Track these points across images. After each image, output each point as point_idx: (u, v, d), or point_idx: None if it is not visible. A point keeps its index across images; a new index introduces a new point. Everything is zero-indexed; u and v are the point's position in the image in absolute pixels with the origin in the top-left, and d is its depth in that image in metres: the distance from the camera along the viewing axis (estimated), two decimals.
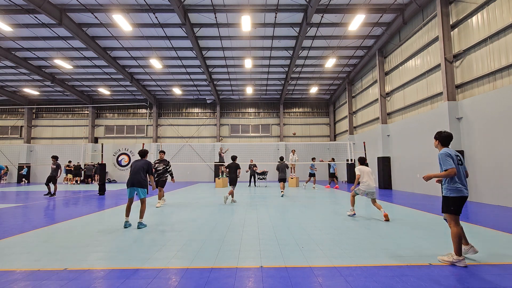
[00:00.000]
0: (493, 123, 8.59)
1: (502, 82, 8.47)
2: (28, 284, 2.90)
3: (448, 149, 3.56)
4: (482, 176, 8.95)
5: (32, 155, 24.08)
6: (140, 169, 5.66)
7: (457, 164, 3.47)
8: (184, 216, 6.87)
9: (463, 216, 6.50)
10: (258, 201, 9.81)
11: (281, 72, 19.73)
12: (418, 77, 12.54)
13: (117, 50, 16.32)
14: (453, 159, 3.46)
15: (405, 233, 4.94)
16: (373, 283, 2.88)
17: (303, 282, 2.92)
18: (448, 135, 3.65)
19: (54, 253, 3.93)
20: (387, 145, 14.94)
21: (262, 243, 4.36)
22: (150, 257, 3.70)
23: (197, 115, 25.46)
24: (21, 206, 8.80)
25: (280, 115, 25.15)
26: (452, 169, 3.37)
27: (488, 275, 3.07)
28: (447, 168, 3.41)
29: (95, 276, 3.12)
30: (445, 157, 3.47)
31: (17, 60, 16.69)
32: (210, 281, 2.95)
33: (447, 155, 3.47)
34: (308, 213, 7.11)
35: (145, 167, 5.74)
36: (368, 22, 13.57)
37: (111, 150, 24.46)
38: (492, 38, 8.78)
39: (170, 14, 12.81)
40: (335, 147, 23.18)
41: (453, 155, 3.49)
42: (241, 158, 21.90)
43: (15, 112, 25.07)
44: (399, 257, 3.68)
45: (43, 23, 13.35)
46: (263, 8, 12.58)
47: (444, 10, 10.34)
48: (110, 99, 25.03)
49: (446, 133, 3.66)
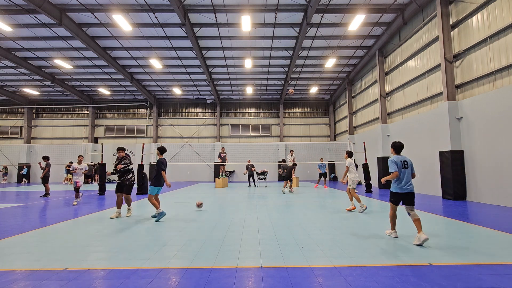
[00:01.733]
0: (493, 123, 8.59)
1: (502, 82, 8.47)
2: (28, 284, 2.90)
3: (395, 156, 4.48)
4: (482, 176, 8.95)
5: (32, 155, 24.07)
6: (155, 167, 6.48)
7: (401, 168, 4.35)
8: (184, 216, 6.87)
9: (463, 216, 6.61)
10: (258, 201, 9.81)
11: (281, 72, 19.73)
12: (418, 77, 12.54)
13: (117, 50, 16.32)
14: (397, 164, 4.36)
15: (405, 233, 4.93)
16: (373, 283, 2.88)
17: (303, 282, 2.92)
18: (400, 145, 4.56)
19: (54, 253, 3.94)
20: (387, 145, 14.93)
21: (262, 243, 4.36)
22: (150, 257, 3.70)
23: (197, 115, 25.46)
24: (21, 206, 8.80)
25: (280, 115, 25.15)
26: (395, 172, 4.35)
27: (488, 275, 3.07)
28: (392, 172, 4.37)
29: (95, 276, 3.12)
30: (391, 163, 4.41)
31: (17, 60, 16.69)
32: (210, 281, 2.95)
33: (392, 161, 4.40)
34: (308, 213, 7.11)
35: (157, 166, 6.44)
36: (368, 22, 13.57)
37: (111, 150, 24.43)
38: (492, 38, 8.77)
39: (170, 14, 12.81)
40: (335, 147, 23.18)
41: (398, 161, 4.39)
42: (241, 158, 21.95)
43: (15, 112, 25.06)
44: (399, 257, 3.68)
45: (43, 23, 13.35)
46: (263, 8, 12.58)
47: (444, 10, 10.34)
48: (110, 99, 25.02)
49: (399, 143, 4.56)
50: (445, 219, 6.23)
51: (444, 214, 6.81)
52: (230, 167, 24.13)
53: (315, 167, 24.15)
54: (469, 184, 9.50)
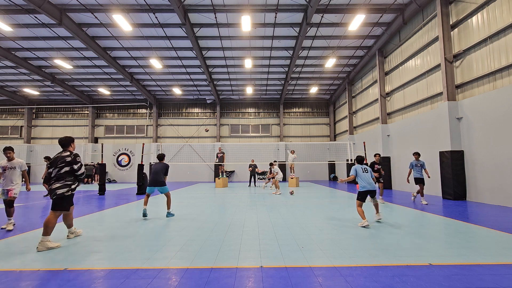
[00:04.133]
0: (493, 123, 8.59)
1: (502, 82, 8.47)
2: (28, 284, 2.90)
3: (356, 166, 5.93)
4: (482, 176, 8.95)
5: (32, 155, 24.07)
6: (160, 170, 6.70)
7: (362, 173, 5.78)
8: (184, 216, 6.87)
9: (463, 216, 6.61)
10: (258, 201, 9.81)
11: (281, 72, 19.73)
12: (418, 77, 12.54)
13: (117, 50, 16.32)
14: (356, 170, 5.83)
15: (405, 233, 4.94)
16: (373, 283, 2.88)
17: (303, 282, 2.92)
18: (361, 159, 6.10)
19: (54, 253, 3.94)
20: (387, 145, 14.93)
21: (262, 243, 4.36)
22: (150, 257, 3.70)
23: (197, 115, 25.46)
24: (21, 206, 8.80)
25: (280, 115, 25.15)
26: (351, 176, 5.86)
27: (488, 275, 3.07)
28: (349, 175, 5.91)
29: (95, 276, 3.12)
30: (352, 170, 5.90)
31: (17, 60, 16.68)
32: (210, 281, 2.95)
33: (353, 169, 5.88)
34: (308, 213, 7.11)
35: (164, 170, 6.78)
36: (368, 22, 13.57)
37: (111, 150, 24.46)
38: (492, 38, 8.77)
39: (170, 14, 12.81)
40: (335, 147, 23.17)
41: (358, 168, 5.85)
42: (241, 158, 21.94)
43: (15, 112, 25.07)
44: (399, 257, 3.68)
45: (43, 23, 13.35)
46: (263, 8, 12.58)
47: (444, 10, 10.34)
48: (110, 99, 25.02)
49: (360, 157, 6.14)
50: (445, 219, 6.23)
51: (444, 214, 6.81)
52: (230, 167, 24.14)
53: (315, 167, 24.26)
54: (469, 184, 9.50)
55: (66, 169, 4.38)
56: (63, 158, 4.42)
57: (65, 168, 4.38)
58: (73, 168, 4.43)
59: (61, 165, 4.38)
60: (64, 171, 4.37)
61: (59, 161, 4.40)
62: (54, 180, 4.34)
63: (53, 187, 4.31)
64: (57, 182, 4.32)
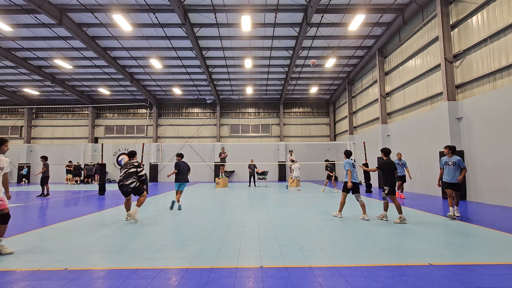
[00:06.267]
0: (493, 123, 8.59)
1: (502, 82, 8.47)
2: (28, 284, 2.90)
3: (347, 160, 6.44)
4: (482, 176, 8.95)
5: (32, 155, 24.07)
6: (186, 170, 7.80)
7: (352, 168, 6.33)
8: (184, 216, 6.87)
9: (463, 216, 6.62)
10: (258, 201, 9.81)
11: (281, 72, 19.73)
12: (418, 77, 12.54)
13: (117, 50, 16.32)
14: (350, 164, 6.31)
15: (405, 233, 4.94)
16: (373, 283, 2.88)
17: (303, 282, 2.92)
18: (349, 152, 6.65)
19: (54, 253, 3.93)
20: (387, 145, 14.92)
21: (262, 243, 4.36)
22: (150, 257, 3.70)
23: (197, 115, 25.46)
24: (21, 206, 8.80)
25: (280, 115, 25.15)
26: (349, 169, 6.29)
27: (488, 275, 3.07)
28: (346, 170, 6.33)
29: (95, 276, 3.12)
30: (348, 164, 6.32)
31: (17, 60, 16.68)
32: (210, 281, 2.95)
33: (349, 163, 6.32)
34: (308, 213, 7.11)
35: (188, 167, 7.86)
36: (368, 22, 13.57)
37: (111, 150, 24.45)
38: (492, 38, 8.77)
39: (170, 14, 12.81)
40: (335, 147, 23.17)
41: (350, 163, 6.34)
42: (241, 158, 21.94)
43: (15, 112, 25.06)
44: (399, 257, 3.68)
45: (43, 23, 13.35)
46: (263, 8, 12.57)
47: (444, 10, 10.34)
48: (110, 99, 25.02)
49: (348, 151, 6.63)
50: (445, 219, 6.23)
51: (444, 214, 6.81)
52: (230, 167, 24.13)
53: (315, 167, 24.23)
54: (469, 184, 9.50)
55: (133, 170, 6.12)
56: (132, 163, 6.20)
57: (132, 169, 6.12)
58: (137, 171, 6.18)
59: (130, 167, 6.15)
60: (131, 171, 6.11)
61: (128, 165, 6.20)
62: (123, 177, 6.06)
63: (126, 183, 6.02)
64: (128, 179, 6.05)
